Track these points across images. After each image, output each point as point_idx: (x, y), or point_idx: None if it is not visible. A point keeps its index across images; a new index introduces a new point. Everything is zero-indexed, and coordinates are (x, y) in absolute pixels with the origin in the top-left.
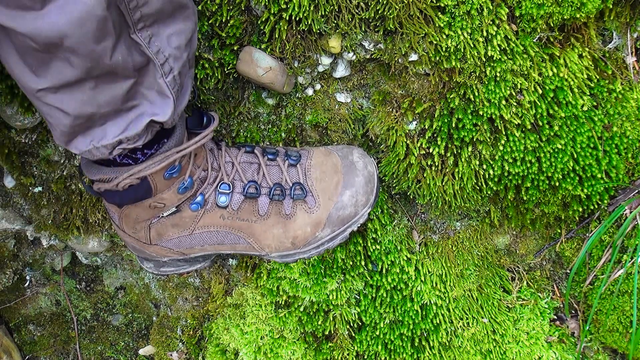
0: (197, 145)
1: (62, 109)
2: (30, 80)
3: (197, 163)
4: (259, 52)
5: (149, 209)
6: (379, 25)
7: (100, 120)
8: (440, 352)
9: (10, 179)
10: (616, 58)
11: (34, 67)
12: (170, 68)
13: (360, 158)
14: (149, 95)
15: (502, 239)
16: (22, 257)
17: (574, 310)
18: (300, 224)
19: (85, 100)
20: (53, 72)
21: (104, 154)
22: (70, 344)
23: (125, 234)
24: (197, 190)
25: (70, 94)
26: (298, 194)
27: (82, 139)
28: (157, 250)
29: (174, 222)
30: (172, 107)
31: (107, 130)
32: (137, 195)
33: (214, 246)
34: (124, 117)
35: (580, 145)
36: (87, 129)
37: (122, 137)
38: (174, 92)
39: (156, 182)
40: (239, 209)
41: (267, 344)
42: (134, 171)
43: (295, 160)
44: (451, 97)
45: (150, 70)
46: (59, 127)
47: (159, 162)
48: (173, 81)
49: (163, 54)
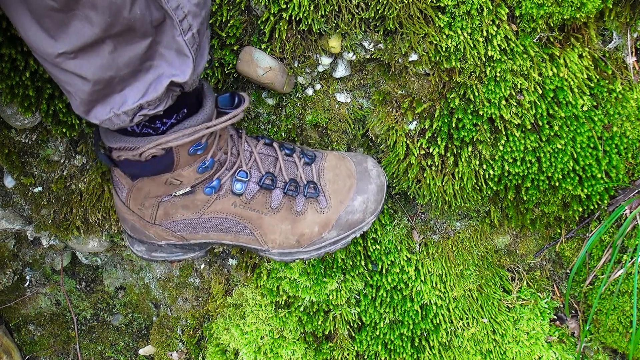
0: (228, 123)
1: (82, 75)
2: (48, 45)
3: (220, 145)
4: (259, 52)
5: (164, 185)
6: (379, 25)
7: (119, 85)
8: (440, 352)
9: (10, 179)
10: (616, 58)
11: (51, 29)
12: (189, 25)
13: (374, 167)
14: (167, 55)
15: (502, 239)
16: (22, 257)
17: (574, 310)
18: (309, 223)
19: (105, 64)
20: (72, 33)
21: (125, 122)
22: (70, 344)
23: (128, 210)
24: (215, 174)
25: (89, 58)
26: (311, 192)
27: (101, 108)
28: (158, 231)
29: (185, 204)
30: (191, 67)
31: (126, 95)
32: (158, 167)
33: (218, 234)
34: (143, 80)
35: (580, 145)
36: (106, 95)
37: (142, 102)
38: (193, 51)
39: (180, 156)
40: (252, 198)
41: (267, 344)
42: (161, 141)
43: (310, 159)
44: (451, 97)
45: (168, 28)
46: (79, 95)
47: (188, 135)
48: (192, 39)
49: (182, 10)
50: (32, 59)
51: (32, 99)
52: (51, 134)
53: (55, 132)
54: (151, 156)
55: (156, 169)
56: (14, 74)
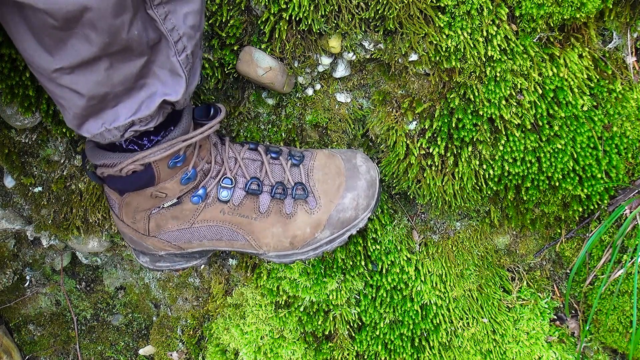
0: (204, 135)
1: (77, 90)
2: (45, 61)
3: (201, 155)
4: (259, 52)
5: (150, 198)
6: (379, 25)
7: (112, 101)
8: (440, 352)
9: (10, 179)
10: (616, 58)
11: (50, 46)
12: (183, 47)
13: (364, 162)
14: (160, 74)
15: (502, 239)
16: (22, 257)
17: (574, 310)
18: (300, 224)
19: (100, 80)
20: (70, 51)
21: (116, 137)
22: (70, 344)
23: (124, 224)
24: (200, 183)
25: (85, 74)
26: (299, 193)
27: (93, 122)
28: (155, 243)
29: (174, 214)
30: (184, 87)
31: (119, 111)
32: (139, 182)
33: (212, 242)
34: (136, 98)
35: (580, 145)
36: (100, 110)
37: (134, 119)
38: (186, 71)
39: (160, 170)
40: (240, 204)
41: (267, 344)
42: (138, 157)
43: (298, 160)
44: (451, 97)
45: (163, 48)
46: (72, 110)
47: (164, 150)
48: (186, 60)
49: (177, 32)
50: None
51: (32, 99)
52: (51, 134)
53: (55, 132)
54: (131, 172)
55: (138, 183)
56: (14, 74)
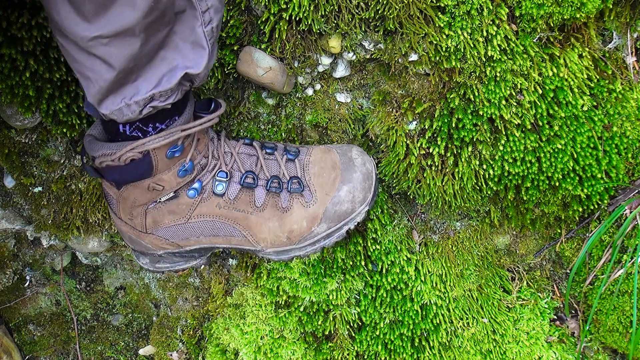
0: (203, 126)
1: (109, 62)
2: (82, 29)
3: (199, 149)
4: (259, 52)
5: (147, 191)
6: (379, 25)
7: (134, 74)
8: (440, 352)
9: (10, 179)
10: (616, 58)
11: (89, 13)
12: (210, 18)
13: (359, 155)
14: (182, 47)
15: (502, 239)
16: (22, 257)
17: (574, 310)
18: (297, 218)
19: (133, 55)
20: (111, 18)
21: (134, 113)
22: (70, 344)
23: (122, 221)
24: (196, 177)
25: (121, 45)
26: (295, 187)
27: (113, 98)
28: (153, 240)
29: (171, 209)
30: (206, 59)
31: (139, 85)
32: (137, 171)
33: (209, 238)
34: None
35: (580, 145)
36: (121, 85)
37: (155, 92)
38: (210, 44)
39: (158, 159)
40: (236, 198)
41: (267, 344)
42: (138, 143)
43: (293, 155)
44: (451, 97)
45: (188, 19)
46: (99, 83)
47: (163, 138)
48: (211, 32)
49: (206, 3)
50: (32, 59)
51: (32, 99)
52: (51, 134)
53: (55, 132)
54: (130, 160)
55: (136, 173)
56: (14, 74)
